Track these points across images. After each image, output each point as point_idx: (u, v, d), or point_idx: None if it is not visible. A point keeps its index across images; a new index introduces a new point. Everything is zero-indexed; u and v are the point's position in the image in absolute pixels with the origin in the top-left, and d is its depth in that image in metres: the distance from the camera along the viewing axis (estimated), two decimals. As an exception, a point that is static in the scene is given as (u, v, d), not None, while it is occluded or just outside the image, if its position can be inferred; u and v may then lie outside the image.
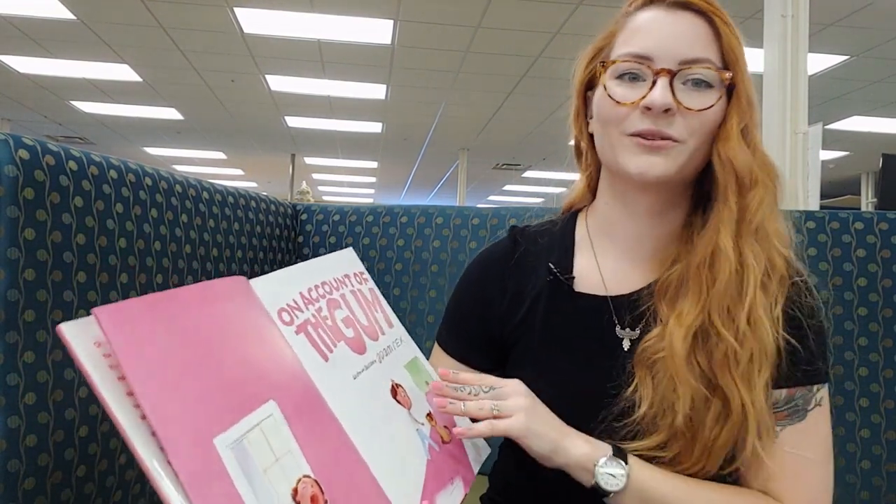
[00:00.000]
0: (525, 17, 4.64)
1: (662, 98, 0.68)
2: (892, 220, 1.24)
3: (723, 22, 0.71)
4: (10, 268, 0.78)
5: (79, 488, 0.86)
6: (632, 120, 0.71)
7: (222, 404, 0.52)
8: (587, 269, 0.81)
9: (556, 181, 11.66)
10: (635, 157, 0.71)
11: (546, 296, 0.80)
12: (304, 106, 7.43)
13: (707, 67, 0.70)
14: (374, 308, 0.78)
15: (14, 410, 0.78)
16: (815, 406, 0.71)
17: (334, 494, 0.56)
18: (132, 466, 0.96)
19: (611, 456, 0.67)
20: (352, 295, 0.76)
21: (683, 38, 0.70)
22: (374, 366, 0.71)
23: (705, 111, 0.70)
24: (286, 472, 0.53)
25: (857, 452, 1.23)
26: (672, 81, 0.69)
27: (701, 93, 0.70)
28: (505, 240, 0.89)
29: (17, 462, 0.78)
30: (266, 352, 0.60)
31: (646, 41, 0.71)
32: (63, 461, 0.83)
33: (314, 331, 0.67)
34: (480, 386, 0.70)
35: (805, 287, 0.73)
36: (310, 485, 0.55)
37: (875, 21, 4.46)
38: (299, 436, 0.57)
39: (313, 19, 4.84)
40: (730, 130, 0.70)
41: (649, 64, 0.70)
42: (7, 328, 0.78)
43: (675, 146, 0.70)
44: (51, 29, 5.24)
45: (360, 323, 0.74)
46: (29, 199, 0.80)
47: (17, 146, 0.80)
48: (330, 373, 0.65)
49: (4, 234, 0.78)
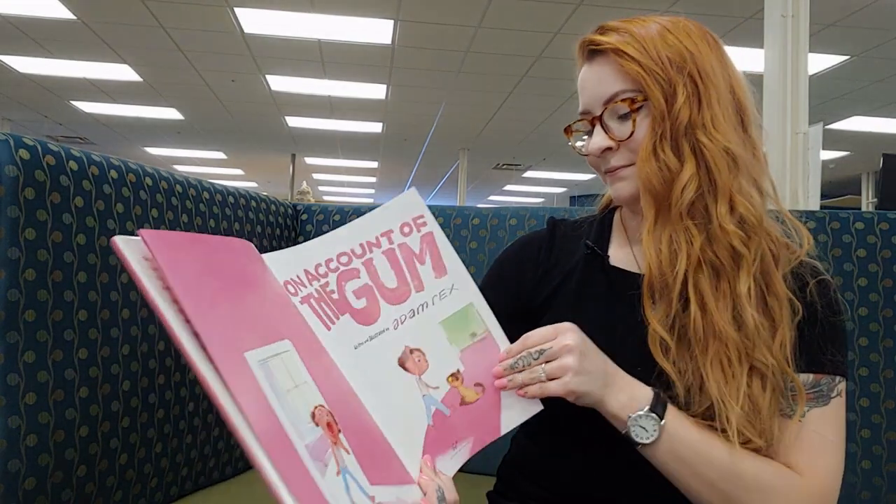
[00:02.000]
0: (525, 17, 4.64)
1: (595, 144, 0.80)
2: (892, 220, 1.24)
3: (616, 53, 0.77)
4: (10, 268, 0.78)
5: (79, 488, 0.86)
6: (599, 163, 0.83)
7: (249, 328, 0.59)
8: (621, 253, 0.87)
9: (556, 181, 11.66)
10: (613, 189, 0.82)
11: (581, 268, 0.86)
12: (304, 106, 7.43)
13: (619, 100, 0.78)
14: (420, 259, 0.78)
15: (14, 410, 0.78)
16: (837, 395, 0.75)
17: (346, 427, 0.61)
18: (132, 466, 0.96)
19: (647, 410, 0.70)
20: (384, 256, 0.76)
21: (598, 83, 0.79)
22: (383, 334, 0.73)
23: (631, 138, 0.78)
24: (305, 398, 0.59)
25: (858, 452, 1.23)
26: (603, 123, 0.80)
27: (625, 123, 0.78)
28: (543, 228, 0.96)
29: (17, 462, 0.78)
30: (279, 302, 0.67)
31: (583, 98, 0.82)
32: (63, 461, 0.83)
33: (317, 304, 0.70)
34: (530, 353, 0.72)
35: (802, 277, 0.77)
36: (325, 413, 0.60)
37: (875, 21, 4.46)
38: (312, 373, 0.62)
39: (313, 19, 4.85)
40: (643, 144, 0.77)
41: (586, 117, 0.82)
42: (7, 328, 0.78)
43: (628, 170, 0.80)
44: (51, 29, 5.24)
45: (384, 288, 0.75)
46: (29, 199, 0.80)
47: (17, 146, 0.80)
48: (331, 342, 0.69)
49: (5, 234, 0.78)
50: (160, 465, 1.02)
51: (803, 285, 0.76)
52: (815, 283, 0.76)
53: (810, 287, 0.76)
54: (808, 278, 0.76)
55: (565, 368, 0.70)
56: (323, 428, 0.59)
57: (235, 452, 1.26)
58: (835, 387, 0.75)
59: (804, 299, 0.75)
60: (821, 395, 0.74)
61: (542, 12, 4.52)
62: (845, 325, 0.78)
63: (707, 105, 0.75)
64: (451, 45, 5.26)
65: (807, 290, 0.76)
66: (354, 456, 0.61)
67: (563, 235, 0.93)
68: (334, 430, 0.60)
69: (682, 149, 0.75)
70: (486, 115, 7.52)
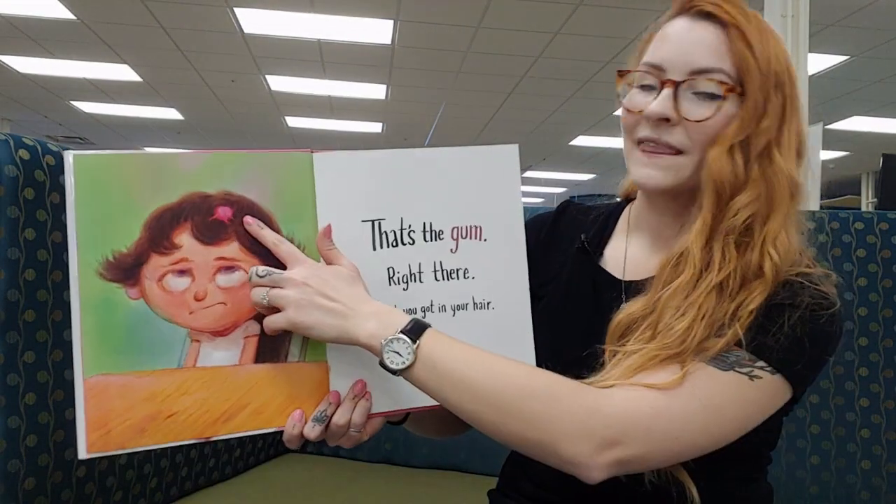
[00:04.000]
0: (525, 17, 4.64)
1: (659, 107, 0.71)
2: (892, 220, 1.24)
3: (738, 32, 0.71)
4: (10, 268, 0.78)
5: (79, 488, 0.86)
6: (638, 129, 0.75)
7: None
8: (616, 252, 0.85)
9: (556, 181, 11.65)
10: (638, 167, 0.75)
11: (573, 263, 0.85)
12: (304, 106, 7.42)
13: (713, 78, 0.71)
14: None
15: (14, 410, 0.78)
16: (744, 375, 0.66)
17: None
18: (132, 466, 0.96)
19: (398, 333, 0.65)
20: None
21: (696, 49, 0.72)
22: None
23: (705, 122, 0.71)
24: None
25: (858, 452, 1.23)
26: (677, 92, 0.72)
27: (705, 103, 0.71)
28: (553, 210, 0.94)
29: (17, 462, 0.78)
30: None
31: (662, 51, 0.74)
32: (63, 461, 0.83)
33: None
34: (256, 269, 0.69)
35: (802, 285, 0.70)
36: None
37: (875, 21, 4.46)
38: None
39: (313, 19, 4.84)
40: (722, 137, 0.71)
41: (659, 74, 0.73)
42: (7, 328, 0.78)
43: (674, 158, 0.73)
44: (51, 29, 5.23)
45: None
46: (29, 199, 0.80)
47: (17, 146, 0.80)
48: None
49: (5, 234, 0.78)
50: (160, 465, 1.02)
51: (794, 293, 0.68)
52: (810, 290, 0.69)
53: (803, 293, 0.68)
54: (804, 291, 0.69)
55: (286, 299, 0.67)
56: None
57: (235, 452, 1.27)
58: (746, 364, 0.66)
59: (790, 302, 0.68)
60: (724, 360, 0.66)
61: (542, 12, 4.51)
62: (816, 318, 0.68)
63: (787, 128, 0.72)
64: (451, 45, 5.25)
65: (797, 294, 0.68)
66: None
67: (569, 219, 0.91)
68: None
69: (752, 164, 0.71)
70: (486, 115, 7.52)
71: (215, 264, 0.68)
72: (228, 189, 0.69)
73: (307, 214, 0.72)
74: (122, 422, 0.64)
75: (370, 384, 0.71)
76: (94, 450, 0.63)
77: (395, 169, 0.75)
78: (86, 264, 0.65)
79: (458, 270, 0.75)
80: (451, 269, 0.75)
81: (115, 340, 0.65)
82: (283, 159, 0.72)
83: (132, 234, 0.66)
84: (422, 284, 0.74)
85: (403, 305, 0.73)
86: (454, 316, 0.75)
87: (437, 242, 0.75)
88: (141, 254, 0.66)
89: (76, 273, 0.64)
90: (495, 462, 0.92)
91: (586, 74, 5.77)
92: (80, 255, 0.64)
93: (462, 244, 0.76)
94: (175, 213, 0.67)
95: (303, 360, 0.70)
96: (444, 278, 0.75)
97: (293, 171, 0.72)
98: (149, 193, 0.67)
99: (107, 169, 0.66)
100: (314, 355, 0.71)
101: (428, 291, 0.74)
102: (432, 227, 0.75)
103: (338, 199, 0.72)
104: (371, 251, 0.73)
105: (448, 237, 0.75)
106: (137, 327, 0.65)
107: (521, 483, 0.85)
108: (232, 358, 0.68)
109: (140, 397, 0.65)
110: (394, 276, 0.74)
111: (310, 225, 0.71)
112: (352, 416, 0.70)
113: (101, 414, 0.63)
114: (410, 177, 0.75)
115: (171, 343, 0.66)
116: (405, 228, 0.74)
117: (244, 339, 0.69)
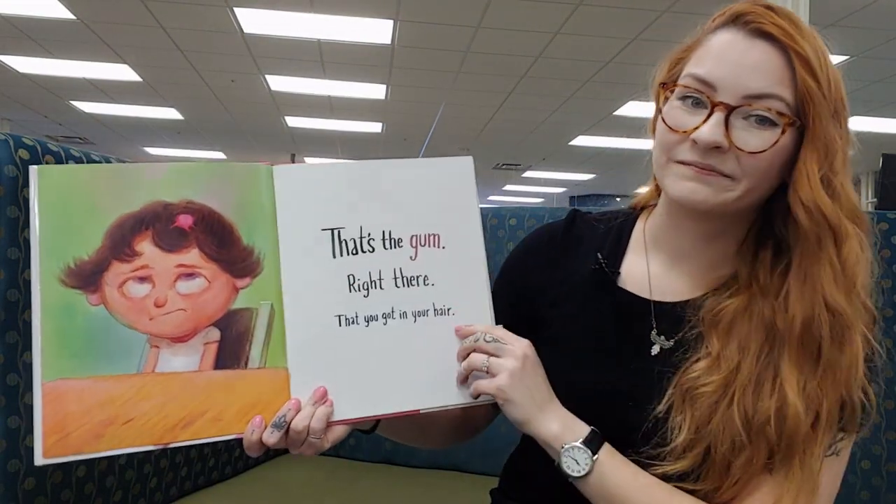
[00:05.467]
0: (525, 17, 4.64)
1: (710, 135, 0.66)
2: (892, 220, 1.24)
3: (800, 58, 0.65)
4: (10, 268, 0.78)
5: (79, 488, 0.86)
6: (681, 149, 0.69)
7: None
8: (636, 269, 0.80)
9: (555, 181, 11.65)
10: (679, 182, 0.70)
11: (588, 284, 0.80)
12: (304, 106, 7.42)
13: (770, 107, 0.65)
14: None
15: (14, 410, 0.78)
16: (832, 454, 0.67)
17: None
18: (132, 466, 0.96)
19: (580, 443, 0.68)
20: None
21: (753, 71, 0.66)
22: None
23: (760, 154, 0.66)
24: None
25: (858, 452, 1.23)
26: (729, 117, 0.66)
27: (761, 131, 0.66)
28: (562, 220, 0.89)
29: (17, 462, 0.78)
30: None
31: (714, 67, 0.68)
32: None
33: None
34: (484, 334, 0.72)
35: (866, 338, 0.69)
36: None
37: (875, 21, 4.46)
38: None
39: (313, 19, 4.84)
40: (809, 175, 0.66)
41: (710, 94, 0.67)
42: (7, 328, 0.78)
43: (724, 180, 0.68)
44: (51, 29, 5.23)
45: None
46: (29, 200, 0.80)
47: (17, 146, 0.80)
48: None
49: (4, 234, 0.78)
50: (159, 465, 1.02)
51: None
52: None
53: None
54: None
55: (504, 367, 0.69)
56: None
57: (235, 452, 1.27)
58: (832, 444, 0.68)
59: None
60: (828, 447, 0.67)
61: (542, 12, 4.51)
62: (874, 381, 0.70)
63: (846, 157, 0.68)
64: (451, 45, 5.25)
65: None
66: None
67: (579, 233, 0.86)
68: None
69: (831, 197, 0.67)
70: (486, 115, 7.51)
71: (176, 271, 0.69)
72: (190, 198, 0.70)
73: (268, 224, 0.73)
74: (80, 426, 0.64)
75: (332, 391, 0.71)
76: (50, 454, 0.63)
77: (354, 179, 0.76)
78: (47, 271, 0.66)
79: (418, 277, 0.76)
80: (411, 275, 0.76)
81: (75, 345, 0.65)
82: (244, 170, 0.73)
83: (94, 242, 0.67)
84: (382, 291, 0.75)
85: (364, 312, 0.74)
86: (415, 322, 0.75)
87: (396, 250, 0.76)
88: (102, 261, 0.67)
89: (37, 280, 0.65)
90: (495, 462, 0.92)
91: (586, 74, 5.77)
92: (42, 263, 0.66)
93: (421, 252, 0.77)
94: (137, 221, 0.69)
95: (263, 366, 0.70)
96: (404, 285, 0.76)
97: (254, 182, 0.73)
98: (112, 202, 0.68)
99: (70, 180, 0.68)
100: (274, 361, 0.71)
101: (389, 298, 0.75)
102: (391, 236, 0.76)
103: (297, 210, 0.74)
104: (331, 258, 0.74)
105: (407, 245, 0.76)
106: (97, 333, 0.66)
107: (523, 485, 0.84)
108: (191, 364, 0.68)
109: (98, 402, 0.65)
110: (354, 283, 0.74)
111: (270, 234, 0.73)
112: (310, 423, 0.69)
113: (58, 419, 0.64)
114: (369, 187, 0.76)
115: (130, 348, 0.67)
116: (364, 237, 0.75)
117: (204, 345, 0.69)
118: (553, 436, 0.69)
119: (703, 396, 0.68)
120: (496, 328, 0.74)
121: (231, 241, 0.71)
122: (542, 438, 0.69)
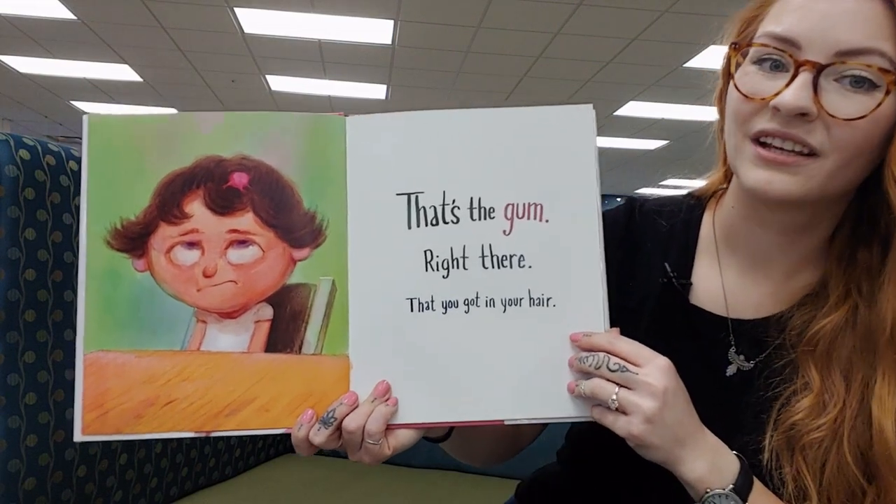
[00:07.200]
0: (525, 17, 4.64)
1: (795, 100, 0.54)
2: (892, 220, 1.24)
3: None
4: (10, 268, 0.78)
5: (79, 488, 0.86)
6: (758, 119, 0.58)
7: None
8: (708, 279, 0.69)
9: (556, 181, 11.64)
10: (753, 169, 0.58)
11: (657, 300, 0.69)
12: (305, 106, 7.43)
13: (870, 63, 0.54)
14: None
15: (14, 410, 0.78)
16: None
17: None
18: (132, 466, 0.96)
19: (730, 489, 0.56)
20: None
21: (845, 22, 0.54)
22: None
23: (857, 121, 0.54)
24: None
25: None
26: (818, 78, 0.55)
27: (859, 95, 0.55)
28: (620, 207, 0.76)
29: (17, 462, 0.78)
30: None
31: (796, 22, 0.56)
32: (63, 461, 0.83)
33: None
34: (608, 359, 0.57)
35: None
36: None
37: (875, 21, 4.46)
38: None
39: (313, 19, 4.84)
40: None
41: (793, 52, 0.56)
42: (7, 328, 0.78)
43: (807, 163, 0.56)
44: (51, 29, 5.23)
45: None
46: (29, 199, 0.80)
47: (17, 146, 0.80)
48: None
49: (5, 234, 0.78)
50: (160, 465, 1.02)
51: None
52: None
53: None
54: None
55: (638, 408, 0.55)
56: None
57: (235, 452, 1.27)
58: None
59: None
60: None
61: (542, 12, 4.51)
62: None
63: None
64: (451, 45, 5.25)
65: None
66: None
67: (641, 228, 0.73)
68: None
69: None
70: (486, 116, 7.53)
71: (227, 237, 0.62)
72: (246, 153, 0.62)
73: (335, 186, 0.63)
74: (119, 404, 0.60)
75: (397, 388, 0.61)
76: (89, 431, 0.60)
77: (439, 133, 0.65)
78: (94, 232, 0.61)
79: (511, 257, 0.62)
80: (502, 254, 0.62)
81: (118, 315, 0.60)
82: (311, 121, 0.64)
83: (142, 202, 0.61)
84: (466, 272, 0.62)
85: (442, 296, 0.61)
86: (504, 312, 0.62)
87: (486, 222, 0.62)
88: (150, 222, 0.61)
89: (84, 240, 0.61)
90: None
91: (586, 74, 5.77)
92: (90, 222, 0.61)
93: (518, 225, 0.62)
94: (187, 179, 0.62)
95: (320, 352, 0.62)
96: (493, 266, 0.62)
97: (322, 135, 0.64)
98: (162, 158, 0.62)
99: (120, 132, 0.62)
100: (332, 348, 0.62)
101: (473, 281, 0.62)
102: (481, 204, 0.62)
103: (371, 169, 0.63)
104: (405, 230, 0.62)
105: (500, 216, 0.62)
106: (142, 302, 0.61)
107: (554, 487, 0.78)
108: (240, 344, 0.61)
109: (139, 379, 0.60)
110: (431, 261, 0.62)
111: (337, 198, 0.63)
112: (366, 423, 0.59)
113: (98, 393, 0.60)
114: (457, 142, 0.64)
115: (175, 322, 0.61)
116: (448, 204, 0.62)
117: (255, 323, 0.62)
118: (697, 477, 0.56)
119: (813, 445, 0.59)
120: (620, 340, 0.59)
121: (290, 205, 0.62)
122: (683, 480, 0.58)
